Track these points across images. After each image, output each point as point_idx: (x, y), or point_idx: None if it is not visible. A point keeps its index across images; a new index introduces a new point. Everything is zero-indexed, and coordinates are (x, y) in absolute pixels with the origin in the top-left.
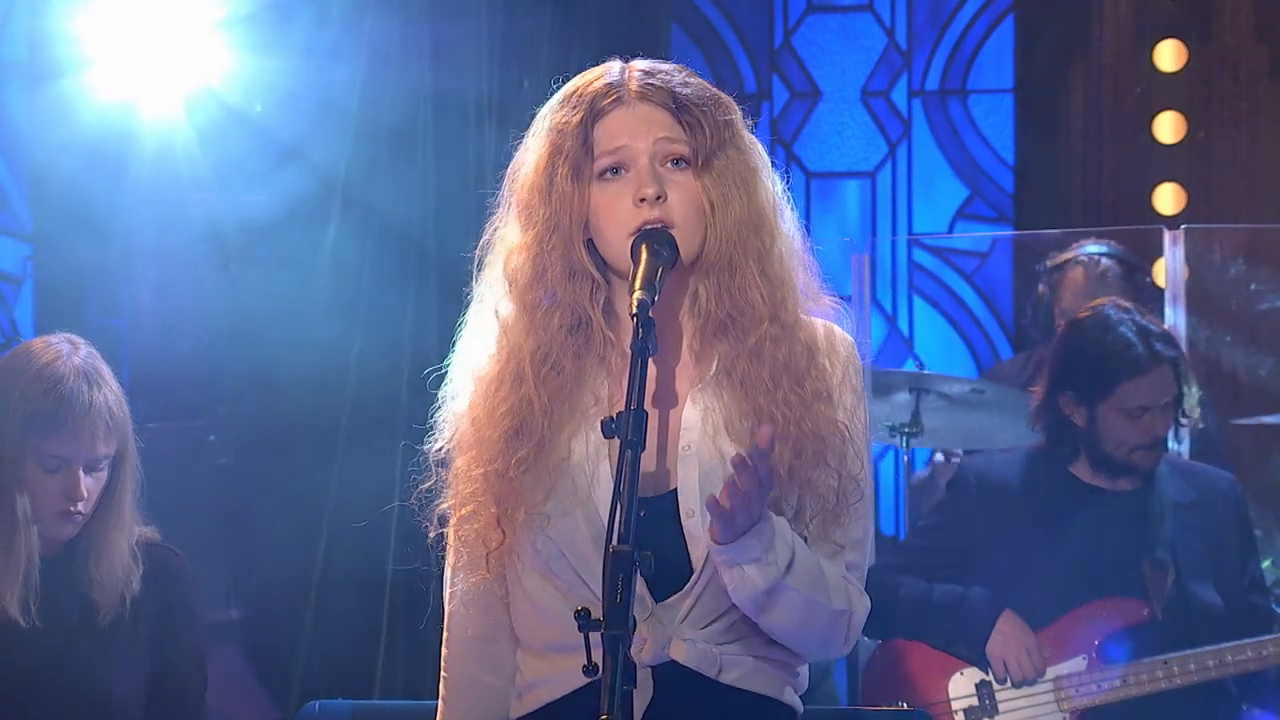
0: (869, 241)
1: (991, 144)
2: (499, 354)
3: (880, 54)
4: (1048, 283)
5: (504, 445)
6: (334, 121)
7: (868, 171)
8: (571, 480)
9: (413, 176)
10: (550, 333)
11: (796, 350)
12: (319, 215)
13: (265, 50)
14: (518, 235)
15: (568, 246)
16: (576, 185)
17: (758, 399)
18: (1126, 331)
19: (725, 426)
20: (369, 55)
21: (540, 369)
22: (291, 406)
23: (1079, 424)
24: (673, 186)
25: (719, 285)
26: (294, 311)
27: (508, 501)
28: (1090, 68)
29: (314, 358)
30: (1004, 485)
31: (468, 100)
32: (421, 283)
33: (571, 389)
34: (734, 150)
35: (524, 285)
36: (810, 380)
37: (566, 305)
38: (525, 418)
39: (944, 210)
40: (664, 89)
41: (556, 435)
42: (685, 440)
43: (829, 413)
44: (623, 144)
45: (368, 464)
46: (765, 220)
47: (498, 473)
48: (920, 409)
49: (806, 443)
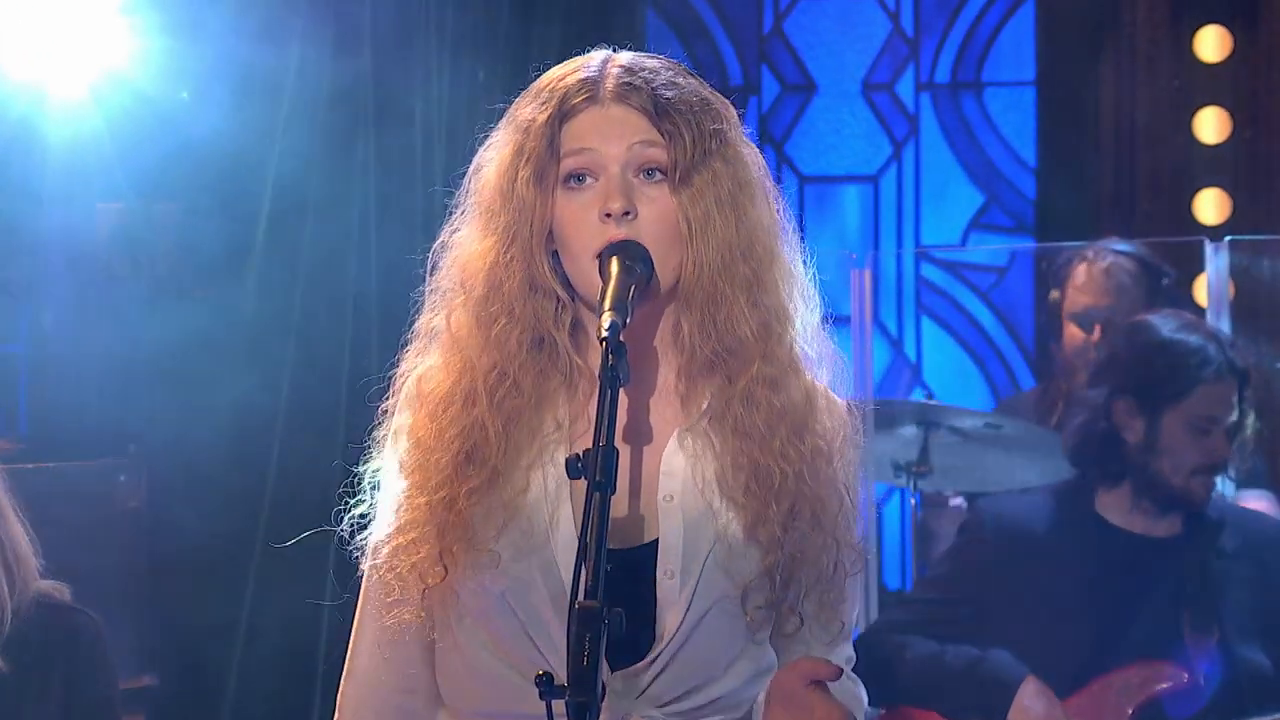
0: (871, 255)
1: (1010, 144)
2: (450, 369)
3: (883, 42)
4: (1057, 285)
5: (452, 472)
6: (263, 118)
7: (869, 175)
8: (528, 519)
9: (352, 178)
10: (509, 349)
11: (795, 394)
12: (245, 226)
13: (179, 34)
14: (475, 240)
15: (528, 258)
16: (539, 191)
17: (753, 449)
18: (1198, 334)
19: (718, 479)
20: (301, 42)
21: (496, 389)
22: (212, 443)
23: (1131, 439)
24: (645, 201)
25: (702, 318)
26: (216, 335)
27: (453, 535)
28: (1122, 57)
29: (238, 388)
30: (1025, 530)
31: (414, 93)
32: (361, 299)
33: (531, 412)
34: (721, 163)
35: (480, 297)
36: (810, 434)
37: (527, 322)
38: (478, 442)
39: (956, 219)
40: (643, 89)
41: (512, 464)
42: (666, 488)
43: (829, 473)
44: (590, 148)
45: (300, 507)
46: (758, 244)
47: (444, 502)
48: (929, 445)
49: (804, 505)
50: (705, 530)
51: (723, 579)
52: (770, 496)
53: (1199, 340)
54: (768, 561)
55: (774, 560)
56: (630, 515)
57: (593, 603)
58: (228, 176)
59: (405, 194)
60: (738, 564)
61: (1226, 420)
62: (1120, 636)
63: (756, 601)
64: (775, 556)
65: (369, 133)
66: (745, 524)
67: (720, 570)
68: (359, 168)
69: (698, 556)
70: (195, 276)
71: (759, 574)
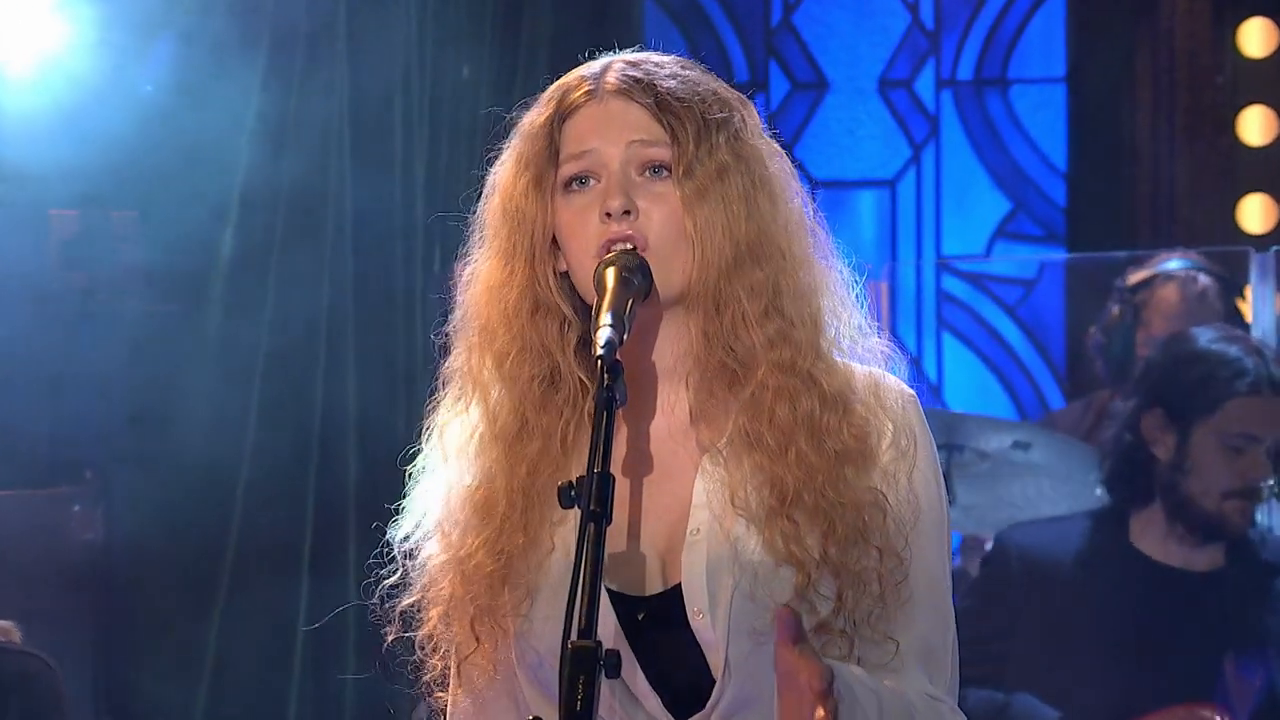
0: (888, 266)
1: (1038, 146)
2: (469, 412)
3: (901, 35)
4: (1127, 305)
5: (472, 528)
6: (230, 121)
7: (886, 180)
8: (556, 577)
9: (326, 185)
10: (522, 387)
11: (815, 401)
12: (211, 236)
13: (138, 27)
14: (482, 265)
15: (530, 274)
16: (539, 199)
17: (767, 464)
18: (1237, 345)
19: (735, 503)
20: (271, 37)
21: (507, 430)
22: (176, 471)
23: (1162, 456)
24: (648, 199)
25: (706, 324)
26: (180, 354)
27: (482, 599)
28: (1160, 52)
29: (204, 411)
30: (1053, 563)
31: (393, 91)
32: (336, 315)
33: (552, 460)
34: (730, 157)
35: (489, 327)
36: (835, 437)
37: (536, 349)
38: (492, 490)
39: (980, 228)
40: (645, 82)
41: (539, 521)
42: (695, 521)
43: (864, 479)
44: (590, 148)
45: (270, 536)
46: (774, 244)
47: (462, 561)
48: (952, 472)
49: (837, 516)
50: (727, 560)
51: (753, 609)
52: (792, 511)
53: (1236, 351)
54: (799, 581)
55: (806, 579)
56: (663, 557)
57: (587, 642)
58: (192, 183)
59: (383, 204)
60: (767, 590)
61: (1265, 439)
62: (1157, 679)
63: None
64: (808, 575)
65: (343, 136)
66: (770, 546)
67: (748, 600)
68: (333, 174)
69: (723, 590)
70: (156, 290)
71: (793, 597)
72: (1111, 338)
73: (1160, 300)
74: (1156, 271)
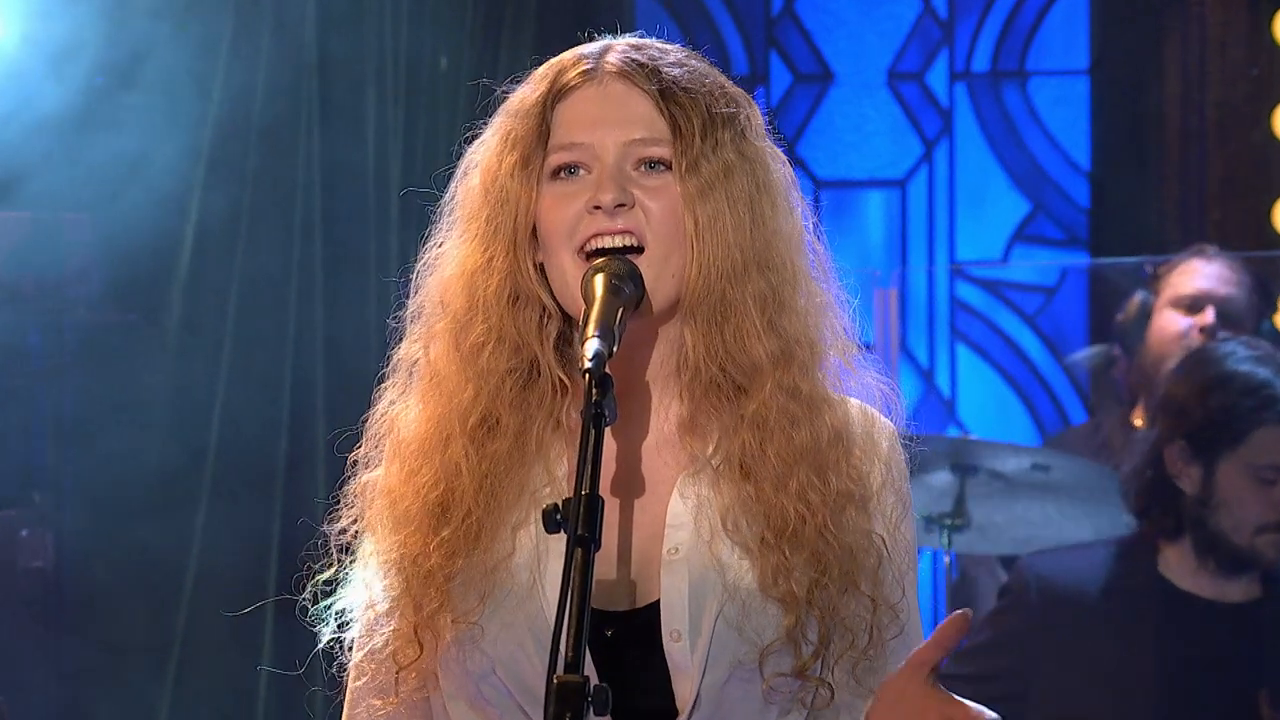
0: (898, 272)
1: (1060, 143)
2: (427, 407)
3: (912, 24)
4: (1151, 287)
5: (427, 533)
6: (190, 116)
7: (896, 180)
8: (514, 585)
9: (293, 185)
10: (492, 379)
11: (819, 432)
12: (170, 242)
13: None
14: (456, 247)
15: (511, 260)
16: (524, 181)
17: (766, 491)
18: (1268, 368)
19: (726, 526)
20: (235, 21)
21: (476, 428)
22: (130, 493)
23: (1188, 490)
24: (645, 190)
25: (708, 331)
26: (136, 369)
27: (429, 604)
28: (1190, 41)
29: (161, 430)
30: (1076, 592)
31: (365, 83)
32: (304, 324)
33: (518, 459)
34: (736, 156)
35: (459, 313)
36: (837, 474)
37: (510, 341)
38: (454, 498)
39: (997, 231)
40: (649, 67)
41: (497, 522)
42: (672, 540)
43: (862, 521)
44: (583, 141)
45: (230, 566)
46: (776, 253)
47: (414, 561)
48: (966, 493)
49: (830, 557)
50: (713, 584)
51: (736, 640)
52: (787, 546)
53: (1266, 375)
54: (788, 621)
55: (795, 621)
56: (636, 573)
57: (574, 677)
58: (150, 184)
59: (354, 203)
60: (754, 623)
61: None
62: (1187, 717)
63: (777, 668)
64: (797, 616)
65: (312, 130)
66: (760, 577)
67: (733, 630)
68: (301, 173)
69: (705, 614)
70: (111, 299)
71: (779, 636)
72: (1131, 323)
73: (1182, 267)
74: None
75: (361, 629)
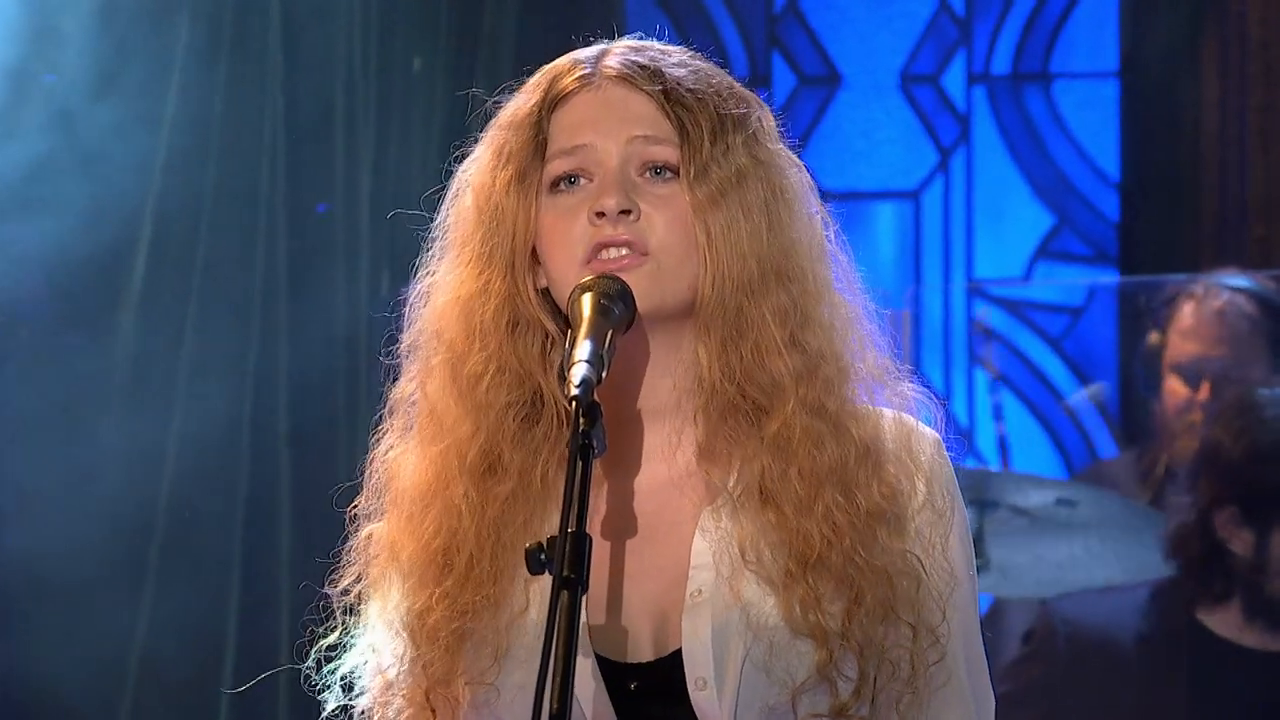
0: (911, 291)
1: (1087, 151)
2: (426, 446)
3: (927, 23)
4: (1158, 326)
5: (427, 576)
6: (144, 118)
7: (909, 191)
8: (530, 643)
9: (255, 190)
10: (494, 415)
11: (846, 449)
12: (125, 249)
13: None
14: (449, 274)
15: (509, 282)
16: (521, 197)
17: (789, 518)
18: None
19: (748, 560)
20: (191, 14)
21: (477, 466)
22: (84, 527)
23: (1239, 552)
24: (651, 201)
25: (724, 347)
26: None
27: (439, 666)
28: (1229, 43)
29: (115, 453)
30: (1107, 641)
31: (334, 85)
32: (268, 340)
33: (522, 500)
34: (748, 160)
35: (454, 345)
36: (867, 493)
37: (512, 371)
38: (454, 535)
39: (1018, 247)
40: (651, 69)
41: (509, 577)
42: (695, 582)
43: (897, 542)
44: (583, 142)
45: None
46: (796, 263)
47: (419, 618)
48: (984, 530)
49: (865, 585)
50: (736, 625)
51: (766, 683)
52: (813, 575)
53: None
54: (820, 658)
55: (829, 656)
56: (657, 620)
57: None
58: (103, 189)
59: (322, 214)
60: (784, 663)
61: None
62: None
63: (813, 708)
64: (830, 651)
65: (276, 134)
66: (786, 612)
67: (762, 673)
68: (264, 177)
69: (731, 659)
70: (63, 311)
71: (811, 675)
72: (1147, 368)
73: (1179, 318)
74: (1184, 289)
75: (371, 699)
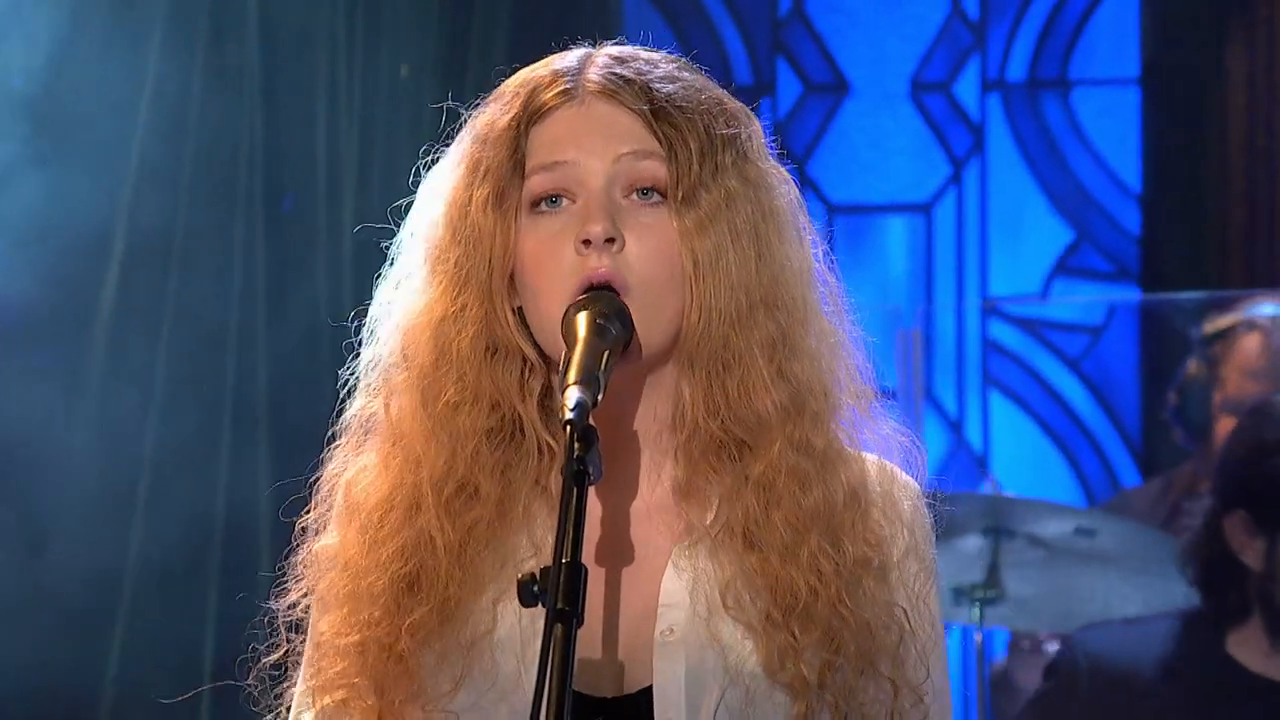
0: (922, 309)
1: (1107, 162)
2: (389, 469)
3: (939, 27)
4: (1204, 358)
5: (391, 604)
6: (118, 127)
7: (921, 204)
8: (495, 664)
9: (233, 206)
10: (464, 439)
11: (833, 492)
12: (94, 271)
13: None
14: (420, 292)
15: (485, 307)
16: (499, 217)
17: (772, 562)
18: None
19: (727, 603)
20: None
21: (449, 495)
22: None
23: (1252, 564)
24: (635, 228)
25: (709, 384)
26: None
27: (395, 688)
28: (1256, 46)
29: (83, 478)
30: (1131, 674)
31: (316, 94)
32: (245, 368)
33: (496, 526)
34: (738, 182)
35: (425, 366)
36: (854, 541)
37: (486, 397)
38: (424, 566)
39: (1035, 262)
40: (637, 83)
41: (473, 596)
42: (666, 620)
43: (881, 593)
44: (565, 158)
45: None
46: (785, 290)
47: (380, 644)
48: (1000, 560)
49: (848, 635)
50: (713, 668)
51: None
52: (796, 623)
53: None
54: (798, 709)
55: (805, 709)
56: (623, 654)
57: None
58: (72, 206)
59: (302, 227)
60: (759, 711)
61: None
62: None
63: None
64: (807, 703)
65: (255, 146)
66: (766, 660)
67: (736, 719)
68: (241, 192)
69: (705, 702)
70: (26, 335)
71: None
72: (1186, 399)
73: (1240, 353)
74: (1241, 318)
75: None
